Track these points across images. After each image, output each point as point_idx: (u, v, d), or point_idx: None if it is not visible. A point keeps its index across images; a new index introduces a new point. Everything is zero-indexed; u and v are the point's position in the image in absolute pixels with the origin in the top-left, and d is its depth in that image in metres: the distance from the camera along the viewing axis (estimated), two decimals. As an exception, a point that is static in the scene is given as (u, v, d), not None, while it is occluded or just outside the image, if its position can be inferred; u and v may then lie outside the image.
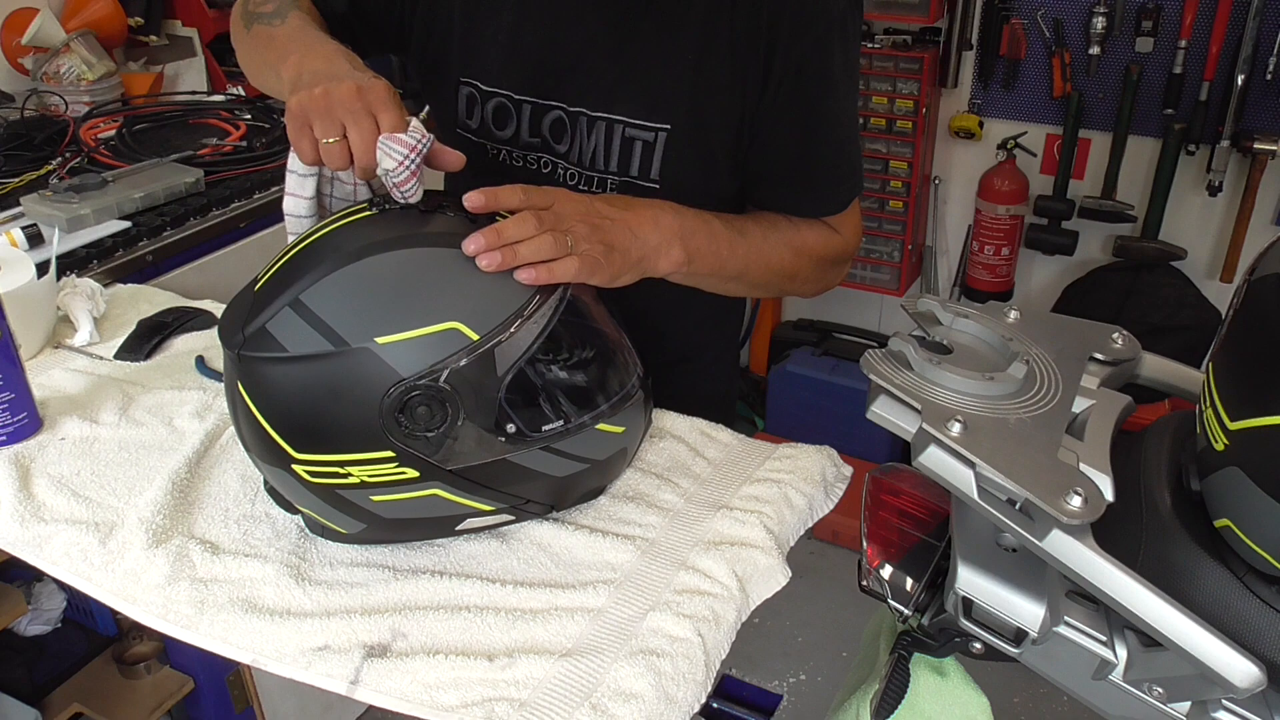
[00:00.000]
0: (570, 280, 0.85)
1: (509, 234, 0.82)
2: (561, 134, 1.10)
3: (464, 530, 0.89)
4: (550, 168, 1.13)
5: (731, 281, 1.08)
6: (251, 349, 0.80)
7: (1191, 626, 0.62)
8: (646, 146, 1.07)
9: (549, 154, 1.12)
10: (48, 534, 0.91)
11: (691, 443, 1.02)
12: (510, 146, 1.14)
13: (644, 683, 0.74)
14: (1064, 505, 0.62)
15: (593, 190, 1.10)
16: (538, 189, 0.89)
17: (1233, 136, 2.47)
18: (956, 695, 0.83)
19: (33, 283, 1.17)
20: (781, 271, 1.09)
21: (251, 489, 0.96)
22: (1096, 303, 2.67)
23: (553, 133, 1.11)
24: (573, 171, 1.11)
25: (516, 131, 1.12)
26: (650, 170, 1.08)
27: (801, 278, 1.12)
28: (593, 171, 1.10)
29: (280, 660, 0.80)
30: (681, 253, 0.98)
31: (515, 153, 1.14)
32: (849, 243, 1.15)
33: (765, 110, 1.05)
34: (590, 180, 1.11)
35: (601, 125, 1.07)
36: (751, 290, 1.12)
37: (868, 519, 0.85)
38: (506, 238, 0.82)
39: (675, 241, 0.97)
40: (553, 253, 0.84)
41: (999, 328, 0.79)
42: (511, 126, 1.12)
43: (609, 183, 1.10)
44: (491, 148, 1.15)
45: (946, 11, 2.70)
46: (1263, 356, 0.63)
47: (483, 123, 1.14)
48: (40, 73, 2.15)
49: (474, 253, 0.81)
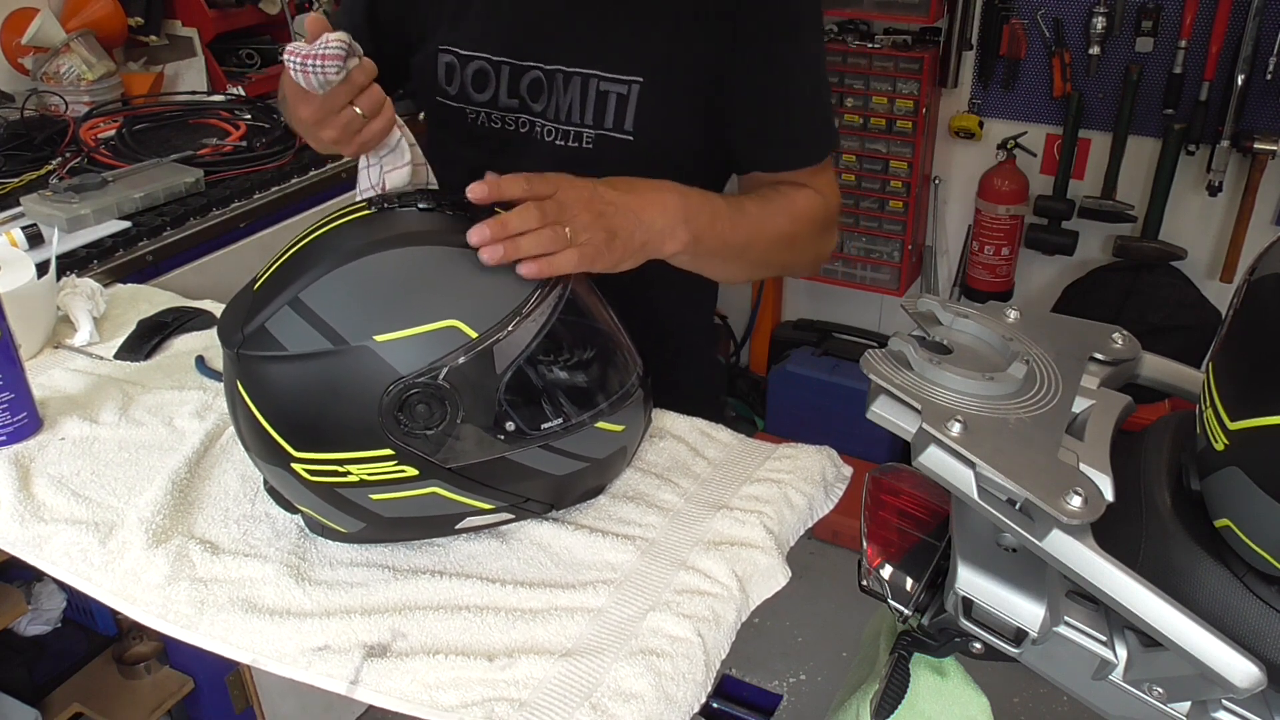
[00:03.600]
0: (571, 272, 0.85)
1: (512, 226, 0.83)
2: (539, 93, 1.12)
3: (463, 529, 0.89)
4: (528, 126, 1.14)
5: (735, 261, 1.07)
6: (251, 348, 0.80)
7: (1191, 626, 0.62)
8: (620, 99, 1.08)
9: (526, 114, 1.14)
10: (47, 534, 0.91)
11: (691, 442, 1.02)
12: (489, 109, 1.15)
13: (644, 683, 0.74)
14: (1064, 505, 0.62)
15: (569, 144, 1.12)
16: (541, 177, 0.89)
17: (1233, 136, 2.46)
18: (956, 695, 0.83)
19: (33, 283, 1.17)
20: (780, 240, 1.09)
21: (251, 489, 0.96)
22: (1096, 303, 2.67)
23: (530, 92, 1.13)
24: (550, 127, 1.13)
25: (495, 93, 1.14)
26: (624, 122, 1.09)
27: (800, 244, 1.13)
28: (569, 125, 1.11)
29: (280, 660, 0.80)
30: (687, 234, 0.97)
31: (494, 114, 1.15)
32: (831, 203, 1.15)
33: (736, 63, 1.07)
34: (566, 135, 1.12)
35: (577, 80, 1.09)
36: (754, 269, 1.12)
37: (868, 519, 0.85)
38: (510, 230, 0.82)
39: (680, 223, 0.97)
40: (554, 245, 0.84)
41: (999, 328, 0.79)
42: (490, 89, 1.14)
43: (585, 136, 1.11)
44: (470, 111, 1.16)
45: (946, 11, 2.70)
46: (1263, 356, 0.63)
47: (462, 88, 1.16)
48: (40, 73, 2.15)
49: (477, 244, 0.81)
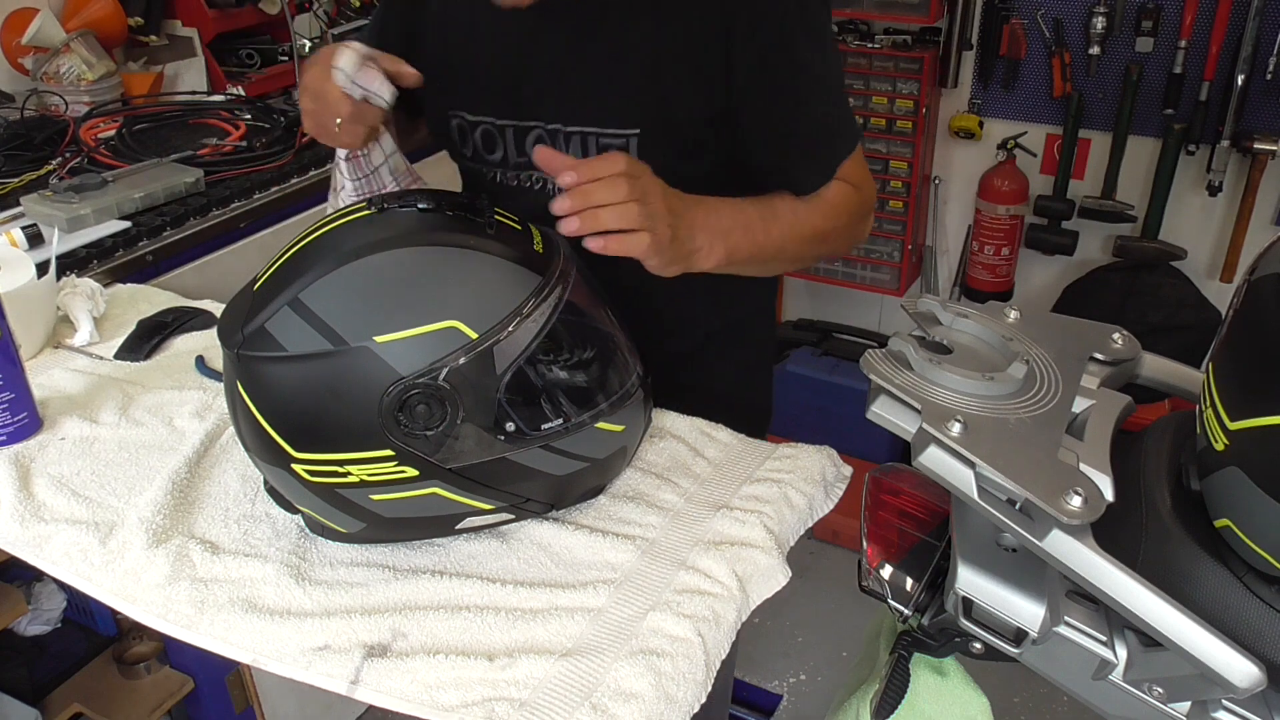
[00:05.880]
0: (640, 256, 0.86)
1: (597, 197, 0.83)
2: None
3: (464, 529, 0.89)
4: (540, 184, 1.15)
5: (769, 263, 1.10)
6: (251, 348, 0.80)
7: (1191, 626, 0.62)
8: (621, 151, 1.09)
9: (538, 171, 1.13)
10: (48, 534, 0.91)
11: (691, 442, 1.02)
12: (501, 169, 1.17)
13: (644, 682, 0.74)
14: (1064, 505, 0.62)
15: None
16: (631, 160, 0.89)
17: (1233, 136, 2.46)
18: (956, 695, 0.83)
19: (33, 283, 1.17)
20: (815, 237, 1.11)
21: (251, 489, 0.96)
22: (1096, 303, 2.67)
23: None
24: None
25: (505, 154, 1.15)
26: None
27: (834, 238, 1.14)
28: None
29: (280, 660, 0.80)
30: (723, 251, 1.01)
31: (508, 173, 1.17)
32: (865, 192, 1.15)
33: (741, 103, 1.07)
34: None
35: (577, 139, 1.10)
36: (789, 265, 1.14)
37: (868, 519, 0.85)
38: (594, 200, 0.82)
39: (719, 242, 1.00)
40: (635, 223, 0.84)
41: (999, 328, 0.79)
42: (499, 150, 1.16)
43: None
44: (487, 171, 1.18)
45: (946, 11, 2.70)
46: (1263, 356, 0.63)
47: (475, 150, 1.18)
48: (40, 73, 2.15)
49: (559, 212, 0.82)
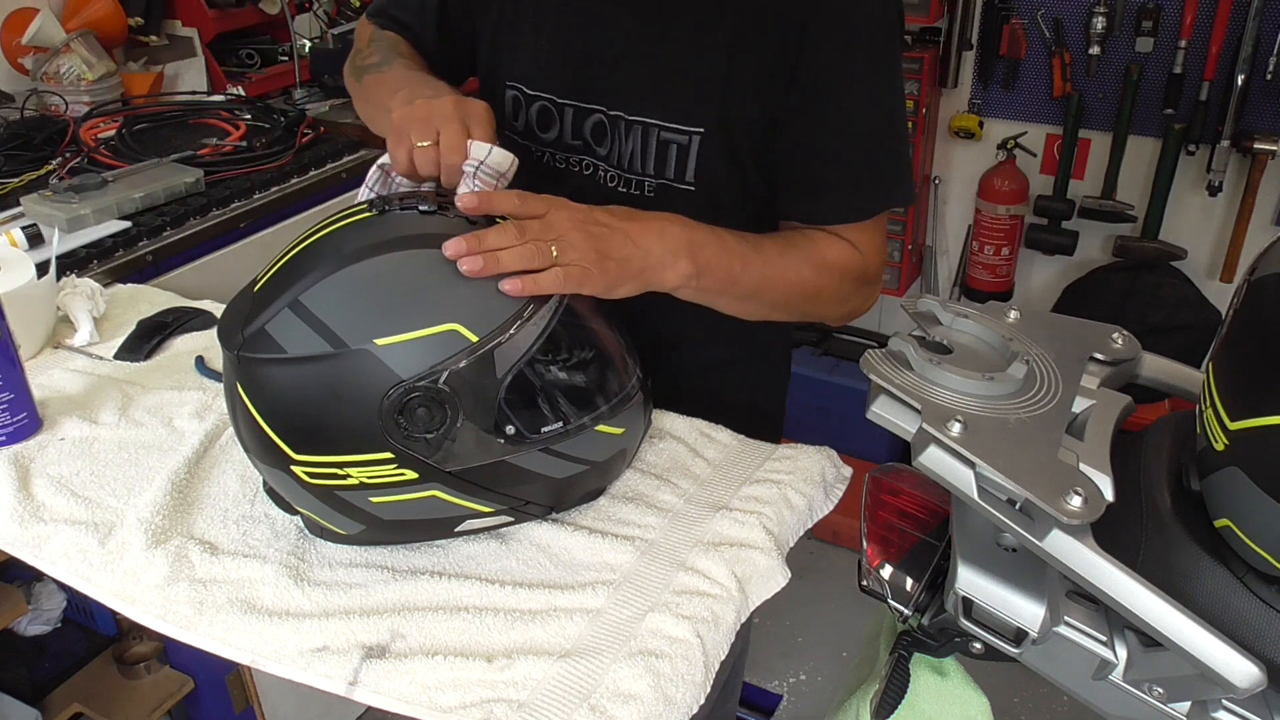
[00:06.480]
0: (555, 292, 0.84)
1: (489, 241, 0.82)
2: (602, 137, 1.11)
3: (463, 531, 0.89)
4: (591, 169, 1.13)
5: (747, 300, 1.04)
6: (251, 350, 0.80)
7: (1191, 626, 0.62)
8: (681, 150, 1.07)
9: (590, 156, 1.13)
10: (47, 534, 0.91)
11: (691, 443, 1.02)
12: (554, 149, 1.14)
13: (643, 684, 0.74)
14: (1064, 505, 0.62)
15: (631, 192, 1.11)
16: (535, 196, 0.89)
17: (1233, 136, 2.47)
18: (956, 695, 0.83)
19: (33, 283, 1.17)
20: (803, 290, 1.05)
21: (251, 489, 0.96)
22: (1096, 303, 2.67)
23: (594, 135, 1.11)
24: (613, 174, 1.12)
25: (560, 134, 1.13)
26: (685, 173, 1.08)
27: (825, 297, 1.08)
28: (631, 174, 1.11)
29: (279, 661, 0.80)
30: (689, 265, 0.95)
31: (559, 155, 1.14)
32: (870, 262, 1.10)
33: (790, 112, 1.04)
34: (629, 183, 1.11)
35: (638, 129, 1.08)
36: (771, 311, 1.08)
37: (868, 519, 0.85)
38: (487, 245, 0.82)
39: (683, 253, 0.95)
40: (534, 263, 0.83)
41: (999, 328, 0.79)
42: (555, 129, 1.13)
43: (646, 185, 1.10)
44: (536, 149, 1.15)
45: (946, 11, 2.70)
46: (1263, 356, 0.63)
47: (527, 125, 1.15)
48: (40, 73, 2.15)
49: (453, 256, 0.80)
